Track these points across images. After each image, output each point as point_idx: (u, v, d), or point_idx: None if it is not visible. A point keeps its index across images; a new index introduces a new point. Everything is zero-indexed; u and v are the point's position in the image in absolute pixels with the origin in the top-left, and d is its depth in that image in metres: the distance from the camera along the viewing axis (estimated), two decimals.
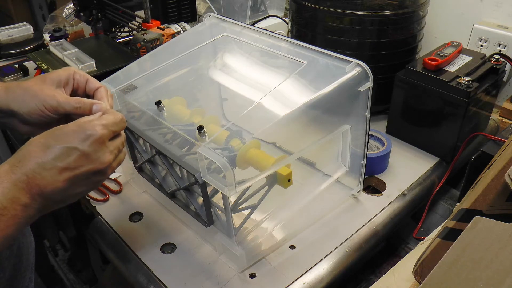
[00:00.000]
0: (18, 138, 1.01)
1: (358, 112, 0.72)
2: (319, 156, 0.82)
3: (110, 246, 0.75)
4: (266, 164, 0.63)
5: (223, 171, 0.57)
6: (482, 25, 1.07)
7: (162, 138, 0.69)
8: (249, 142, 0.63)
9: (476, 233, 0.47)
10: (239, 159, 0.62)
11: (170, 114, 0.72)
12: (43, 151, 0.46)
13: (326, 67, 0.69)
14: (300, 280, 0.67)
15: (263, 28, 0.82)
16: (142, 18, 1.17)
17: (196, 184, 0.64)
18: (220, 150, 0.61)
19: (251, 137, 0.63)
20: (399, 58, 0.99)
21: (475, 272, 0.44)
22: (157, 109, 0.70)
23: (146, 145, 0.73)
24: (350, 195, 0.81)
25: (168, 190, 0.71)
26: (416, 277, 0.60)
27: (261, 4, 1.49)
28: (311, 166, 0.84)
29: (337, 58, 0.69)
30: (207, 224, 0.67)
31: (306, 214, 0.75)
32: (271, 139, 0.67)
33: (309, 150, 0.75)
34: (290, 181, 0.65)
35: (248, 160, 0.63)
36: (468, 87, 0.84)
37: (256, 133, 0.63)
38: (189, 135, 0.66)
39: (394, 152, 0.91)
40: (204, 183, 0.62)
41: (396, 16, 0.94)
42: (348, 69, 0.66)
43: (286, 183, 0.65)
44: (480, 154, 0.79)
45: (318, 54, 0.71)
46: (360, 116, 0.72)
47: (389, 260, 0.82)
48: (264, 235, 0.70)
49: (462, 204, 0.58)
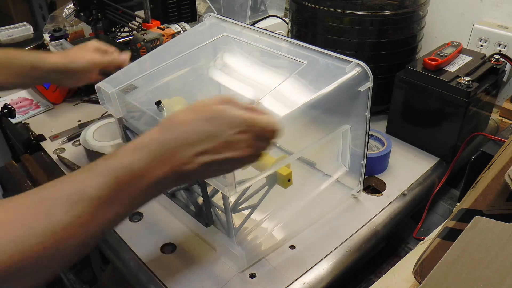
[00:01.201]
0: (18, 138, 1.01)
1: (358, 112, 0.72)
2: (319, 156, 0.82)
3: (110, 246, 0.75)
4: (266, 163, 0.63)
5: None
6: (482, 25, 1.07)
7: None
8: None
9: (476, 233, 0.47)
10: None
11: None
12: (190, 130, 0.46)
13: (326, 67, 0.69)
14: (300, 280, 0.67)
15: (263, 28, 0.82)
16: (142, 18, 1.17)
17: (196, 184, 0.64)
18: None
19: None
20: (399, 58, 0.99)
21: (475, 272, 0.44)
22: (157, 109, 0.70)
23: None
24: (350, 195, 0.81)
25: (168, 190, 0.71)
26: (416, 277, 0.60)
27: (261, 4, 1.49)
28: (311, 166, 0.84)
29: (337, 58, 0.69)
30: (207, 224, 0.67)
31: (306, 214, 0.75)
32: None
33: (309, 150, 0.75)
34: (290, 181, 0.65)
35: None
36: (468, 87, 0.84)
37: None
38: None
39: (394, 152, 0.91)
40: (204, 183, 0.61)
41: (396, 16, 0.94)
42: (348, 69, 0.66)
43: (286, 183, 0.65)
44: (480, 154, 0.79)
45: (318, 54, 0.71)
46: (360, 116, 0.72)
47: (389, 260, 0.82)
48: (264, 235, 0.70)
49: (462, 204, 0.58)
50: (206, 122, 0.46)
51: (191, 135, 0.45)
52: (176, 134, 0.45)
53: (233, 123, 0.47)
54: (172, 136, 0.45)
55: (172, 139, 0.45)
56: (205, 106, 0.48)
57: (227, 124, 0.47)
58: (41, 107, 1.11)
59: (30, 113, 1.09)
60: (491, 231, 0.47)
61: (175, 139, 0.45)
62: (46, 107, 1.11)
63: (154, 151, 0.44)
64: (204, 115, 0.47)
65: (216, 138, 0.46)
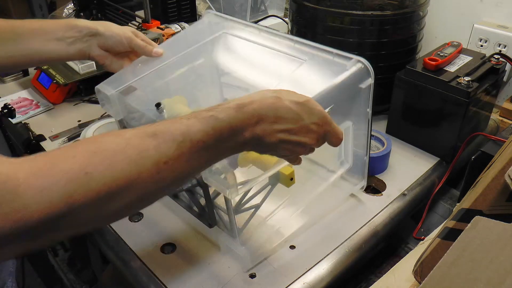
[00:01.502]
0: (18, 138, 1.01)
1: (359, 109, 0.71)
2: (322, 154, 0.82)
3: (110, 246, 0.75)
4: (268, 163, 0.63)
5: (224, 173, 0.56)
6: (482, 25, 1.07)
7: None
8: None
9: (476, 233, 0.47)
10: (240, 158, 0.61)
11: (171, 115, 0.72)
12: (281, 106, 0.51)
13: (326, 64, 0.69)
14: (300, 280, 0.67)
15: (262, 25, 0.82)
16: (142, 18, 1.17)
17: (198, 186, 0.64)
18: None
19: None
20: (399, 58, 0.99)
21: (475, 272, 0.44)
22: (157, 111, 0.70)
23: None
24: (353, 192, 0.81)
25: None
26: (416, 277, 0.60)
27: (261, 4, 1.49)
28: (314, 163, 0.84)
29: (337, 54, 0.68)
30: (210, 225, 0.67)
31: (308, 212, 0.75)
32: None
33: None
34: (292, 180, 0.65)
35: (250, 159, 0.63)
36: (468, 87, 0.84)
37: None
38: None
39: (394, 152, 0.91)
40: (206, 185, 0.61)
41: (396, 16, 0.94)
42: (349, 65, 0.66)
43: (288, 182, 0.65)
44: (480, 154, 0.79)
45: (318, 51, 0.71)
46: (361, 113, 0.71)
47: (389, 260, 0.82)
48: (268, 234, 0.70)
49: (462, 204, 0.58)
50: (296, 105, 0.52)
51: (281, 112, 0.51)
52: (269, 106, 0.51)
53: (316, 114, 0.53)
54: (266, 106, 0.50)
55: (265, 109, 0.50)
56: (296, 93, 0.54)
57: (312, 113, 0.53)
58: (41, 107, 1.11)
59: (30, 113, 1.09)
60: (491, 231, 0.47)
61: (268, 109, 0.50)
62: (46, 107, 1.11)
63: (250, 113, 0.49)
64: (295, 99, 0.52)
65: (299, 121, 0.52)
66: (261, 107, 0.50)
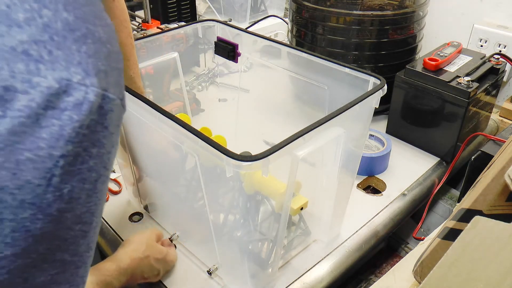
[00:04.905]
0: None
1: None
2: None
3: (110, 246, 0.75)
4: (276, 189, 0.59)
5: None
6: (482, 25, 1.08)
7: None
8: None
9: (476, 233, 0.47)
10: (246, 184, 0.58)
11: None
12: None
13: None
14: (300, 280, 0.67)
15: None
16: (142, 18, 1.17)
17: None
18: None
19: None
20: (399, 58, 0.99)
21: (475, 272, 0.44)
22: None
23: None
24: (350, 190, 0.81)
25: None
26: (416, 277, 0.60)
27: (261, 4, 1.49)
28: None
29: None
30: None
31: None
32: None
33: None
34: (302, 209, 0.63)
35: (255, 185, 0.60)
36: (468, 87, 0.84)
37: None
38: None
39: (394, 152, 0.91)
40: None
41: (396, 16, 0.94)
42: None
43: (296, 212, 0.63)
44: (480, 154, 0.79)
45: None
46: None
47: (389, 260, 0.82)
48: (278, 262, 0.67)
49: (462, 204, 0.58)
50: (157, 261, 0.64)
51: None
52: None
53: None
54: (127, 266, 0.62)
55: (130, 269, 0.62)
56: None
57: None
58: None
59: None
60: (491, 231, 0.47)
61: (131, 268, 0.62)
62: None
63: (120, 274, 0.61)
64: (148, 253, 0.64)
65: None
66: (128, 269, 0.61)
